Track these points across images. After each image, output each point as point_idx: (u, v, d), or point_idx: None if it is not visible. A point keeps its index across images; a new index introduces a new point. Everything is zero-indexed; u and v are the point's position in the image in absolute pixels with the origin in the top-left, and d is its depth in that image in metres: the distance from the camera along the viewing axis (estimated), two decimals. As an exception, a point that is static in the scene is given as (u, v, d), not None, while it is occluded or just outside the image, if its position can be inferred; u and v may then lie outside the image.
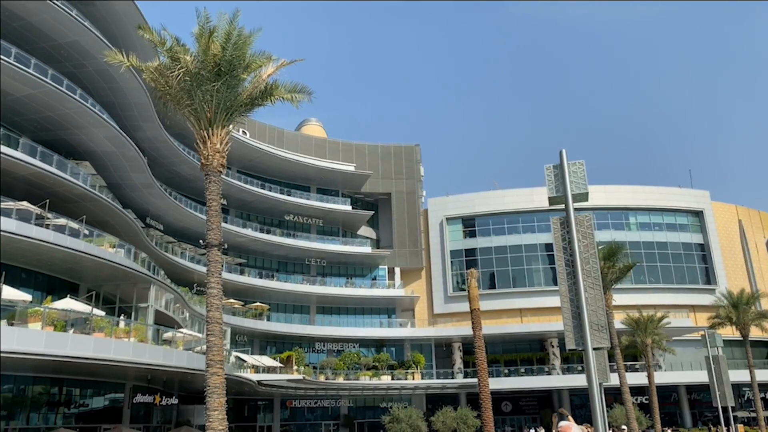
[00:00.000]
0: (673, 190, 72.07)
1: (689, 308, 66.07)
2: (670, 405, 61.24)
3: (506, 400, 62.54)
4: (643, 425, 40.59)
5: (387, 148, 70.44)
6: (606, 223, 68.25)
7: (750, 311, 53.34)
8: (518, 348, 65.28)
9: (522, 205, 67.96)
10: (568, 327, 9.80)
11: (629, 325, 46.62)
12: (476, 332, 31.25)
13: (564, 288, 10.01)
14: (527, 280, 66.83)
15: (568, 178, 10.28)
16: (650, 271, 67.37)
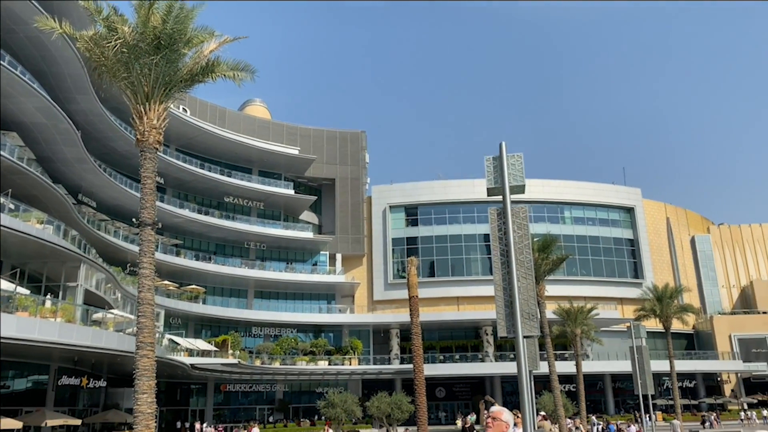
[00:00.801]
0: (607, 187, 74.73)
1: (617, 300, 68.97)
2: (595, 393, 63.88)
3: (441, 386, 63.75)
4: (570, 412, 42.10)
5: (332, 133, 70.00)
6: (542, 216, 70.20)
7: (673, 305, 56.06)
8: (454, 335, 66.57)
9: (463, 196, 69.01)
10: (500, 315, 10.03)
11: (560, 316, 48.18)
12: (414, 319, 31.62)
13: (498, 277, 10.22)
14: (465, 269, 68.06)
15: (507, 170, 10.46)
16: (582, 264, 69.82)
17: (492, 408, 5.22)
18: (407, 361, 57.43)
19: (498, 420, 5.05)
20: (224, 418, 56.96)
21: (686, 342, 73.52)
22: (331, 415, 40.27)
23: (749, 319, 72.90)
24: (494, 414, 5.12)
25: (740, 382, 68.80)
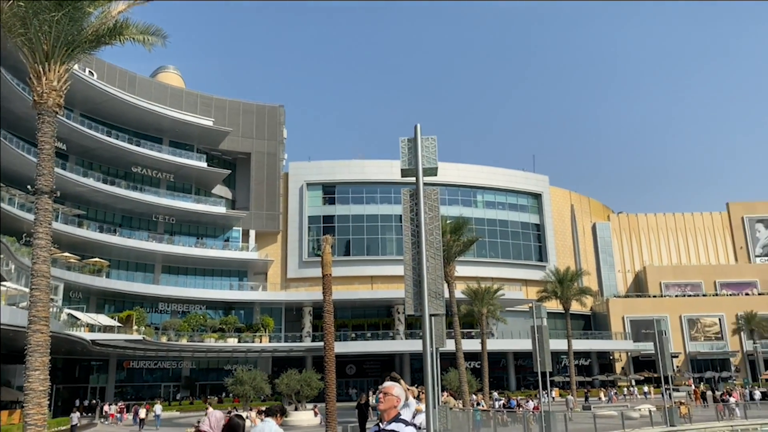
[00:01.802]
0: (517, 173, 77.50)
1: (522, 282, 72.05)
2: (499, 370, 66.73)
3: (351, 363, 64.46)
4: (474, 388, 43.85)
5: (249, 106, 68.27)
6: (456, 199, 71.92)
7: (573, 287, 59.42)
8: (367, 314, 67.34)
9: (381, 176, 69.45)
10: (408, 294, 10.23)
11: (468, 296, 49.84)
12: (326, 297, 31.67)
13: (408, 257, 10.39)
14: (381, 248, 68.79)
15: (420, 152, 10.61)
16: (491, 247, 72.30)
17: (384, 383, 5.32)
18: (319, 339, 57.55)
19: (389, 395, 5.17)
20: (127, 395, 55.07)
21: (584, 323, 78.05)
22: (239, 392, 39.88)
23: (641, 301, 78.31)
24: (385, 389, 5.23)
25: (630, 360, 73.97)
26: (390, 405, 5.15)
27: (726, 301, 77.91)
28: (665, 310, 74.98)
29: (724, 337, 75.53)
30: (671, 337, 68.04)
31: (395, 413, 5.15)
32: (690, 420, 34.13)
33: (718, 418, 36.35)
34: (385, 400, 5.16)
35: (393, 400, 5.16)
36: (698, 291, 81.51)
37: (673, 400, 37.64)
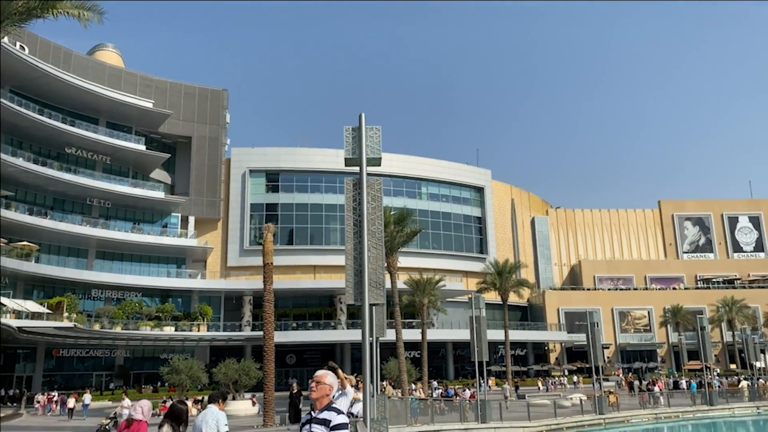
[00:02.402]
0: (461, 167, 78.56)
1: (463, 273, 73.25)
2: (438, 360, 67.75)
3: (292, 353, 64.11)
4: (413, 377, 44.34)
5: (191, 89, 66.44)
6: (401, 191, 72.31)
7: (511, 279, 60.87)
8: (309, 303, 67.01)
9: (327, 165, 68.98)
10: (349, 283, 10.20)
11: (410, 286, 50.27)
12: (267, 286, 31.31)
13: (350, 246, 10.36)
14: (324, 238, 68.47)
15: (365, 141, 10.56)
16: (434, 238, 73.14)
17: (317, 372, 5.29)
18: (259, 329, 56.94)
19: (321, 383, 5.16)
20: (55, 384, 53.00)
21: (521, 314, 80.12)
22: (175, 381, 38.97)
23: (575, 294, 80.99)
24: (318, 378, 5.20)
25: (564, 350, 76.49)
26: (322, 393, 5.13)
27: (655, 294, 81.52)
28: (598, 303, 77.77)
29: (652, 329, 79.05)
30: (603, 329, 70.43)
31: (328, 401, 5.14)
32: (618, 408, 35.58)
33: (644, 406, 38.07)
34: (317, 388, 5.14)
35: (326, 388, 5.15)
36: (630, 285, 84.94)
37: (603, 389, 39.15)
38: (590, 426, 32.46)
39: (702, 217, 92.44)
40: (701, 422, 36.90)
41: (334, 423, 4.94)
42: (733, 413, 39.38)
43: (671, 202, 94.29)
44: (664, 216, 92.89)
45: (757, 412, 40.63)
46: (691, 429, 35.71)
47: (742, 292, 78.28)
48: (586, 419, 32.84)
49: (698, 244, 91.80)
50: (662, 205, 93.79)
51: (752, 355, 53.16)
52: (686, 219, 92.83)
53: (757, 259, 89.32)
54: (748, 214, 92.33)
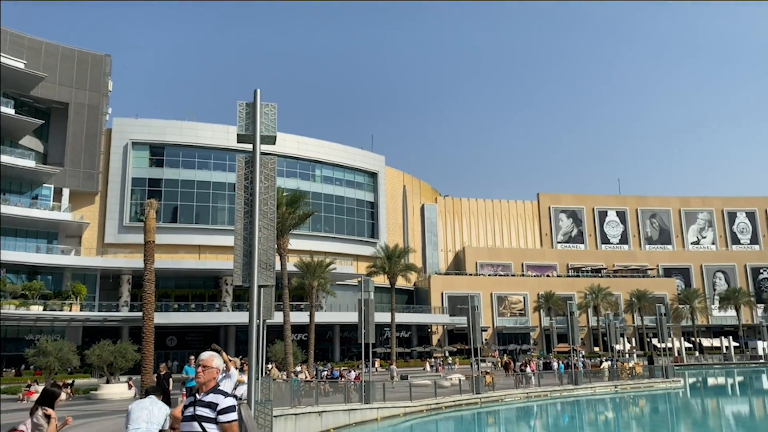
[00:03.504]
0: (356, 151, 78.92)
1: (354, 257, 73.87)
2: (325, 342, 68.07)
3: (172, 335, 61.81)
4: (299, 360, 44.30)
5: (70, 52, 61.49)
6: (294, 172, 71.46)
7: (400, 264, 62.21)
8: (193, 284, 64.81)
9: (217, 141, 66.68)
10: (238, 264, 9.96)
11: (300, 269, 50.00)
12: (148, 265, 29.92)
13: (240, 226, 10.11)
14: (211, 217, 66.31)
15: (259, 118, 10.29)
16: (326, 221, 73.10)
17: (201, 355, 5.12)
18: (138, 309, 54.31)
19: (209, 368, 5.01)
20: None
21: (407, 297, 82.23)
22: (42, 364, 36.29)
23: (459, 279, 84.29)
24: (205, 362, 5.04)
25: (446, 333, 79.51)
26: (210, 377, 4.99)
27: (530, 281, 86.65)
28: (479, 288, 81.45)
29: (527, 313, 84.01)
30: (482, 313, 74.09)
31: (214, 384, 5.01)
32: (494, 388, 37.61)
33: (517, 386, 40.51)
34: (205, 373, 4.99)
35: (213, 372, 5.02)
36: (508, 271, 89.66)
37: (480, 370, 41.17)
38: (467, 405, 34.08)
39: (575, 210, 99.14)
40: (567, 400, 39.85)
41: (222, 406, 4.81)
42: (595, 392, 42.89)
43: (549, 195, 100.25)
44: (542, 208, 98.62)
45: (615, 390, 44.53)
46: (558, 407, 38.46)
47: (607, 280, 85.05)
48: (464, 398, 34.43)
49: (571, 235, 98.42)
50: (541, 197, 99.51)
51: (613, 339, 58.01)
52: (561, 211, 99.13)
53: (622, 251, 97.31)
54: (616, 209, 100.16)
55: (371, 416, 28.57)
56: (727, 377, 63.69)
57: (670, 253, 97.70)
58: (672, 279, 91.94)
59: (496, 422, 33.02)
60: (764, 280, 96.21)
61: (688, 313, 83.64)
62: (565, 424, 33.53)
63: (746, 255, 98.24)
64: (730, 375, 65.10)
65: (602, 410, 38.96)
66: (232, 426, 4.78)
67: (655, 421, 34.51)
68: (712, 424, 33.82)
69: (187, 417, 4.89)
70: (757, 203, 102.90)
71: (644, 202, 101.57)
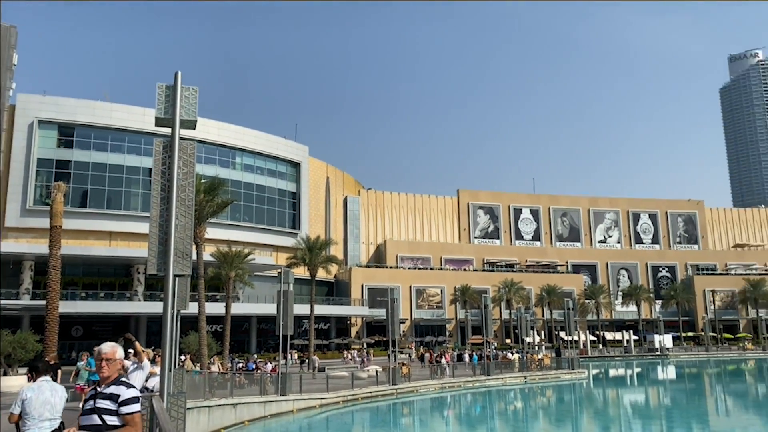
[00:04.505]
0: (279, 140, 77.78)
1: (274, 248, 72.92)
2: (241, 333, 66.88)
3: (78, 324, 58.81)
4: (213, 351, 43.30)
5: (-30, 20, 56.94)
6: (213, 159, 69.61)
7: (321, 255, 61.95)
8: (103, 272, 61.98)
9: (132, 124, 63.84)
10: (152, 252, 9.61)
11: (218, 258, 48.81)
12: (53, 251, 28.33)
13: (155, 212, 9.75)
14: (124, 202, 63.54)
15: (179, 101, 9.95)
16: (246, 211, 71.69)
17: (102, 348, 4.92)
18: (41, 297, 51.32)
19: (112, 361, 4.85)
20: None
21: (327, 289, 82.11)
22: (-70, 356, 33.63)
23: (379, 271, 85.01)
24: (107, 355, 4.85)
25: (364, 325, 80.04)
26: (114, 370, 4.83)
27: (448, 274, 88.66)
28: (399, 281, 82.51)
29: (443, 306, 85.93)
30: (401, 305, 75.15)
31: (117, 375, 4.84)
32: (410, 379, 38.27)
33: (432, 376, 41.40)
34: (109, 366, 4.82)
35: (117, 364, 4.86)
36: (427, 265, 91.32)
37: (397, 361, 41.75)
38: (384, 396, 34.51)
39: (492, 207, 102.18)
40: (479, 391, 41.15)
41: (124, 398, 4.66)
42: (505, 382, 44.51)
43: (468, 192, 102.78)
44: (461, 204, 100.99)
45: (524, 381, 46.39)
46: (469, 397, 39.64)
47: (520, 275, 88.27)
48: (381, 389, 34.85)
49: (488, 230, 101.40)
50: (460, 193, 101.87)
51: (524, 331, 60.38)
52: (479, 207, 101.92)
53: (534, 247, 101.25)
54: (530, 206, 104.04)
55: (287, 408, 28.39)
56: (626, 369, 67.75)
57: (578, 251, 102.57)
58: (580, 275, 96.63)
59: (411, 412, 33.63)
60: (663, 278, 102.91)
61: (593, 307, 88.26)
62: (476, 413, 34.62)
63: (648, 254, 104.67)
64: (630, 367, 69.29)
65: (512, 400, 40.49)
66: (134, 417, 4.64)
67: (561, 410, 36.25)
68: (611, 412, 35.92)
69: (87, 410, 4.71)
70: (659, 205, 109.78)
71: (556, 201, 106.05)
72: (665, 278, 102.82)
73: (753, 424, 29.76)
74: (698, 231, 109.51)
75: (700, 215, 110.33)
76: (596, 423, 31.32)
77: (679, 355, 79.06)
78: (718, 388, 50.66)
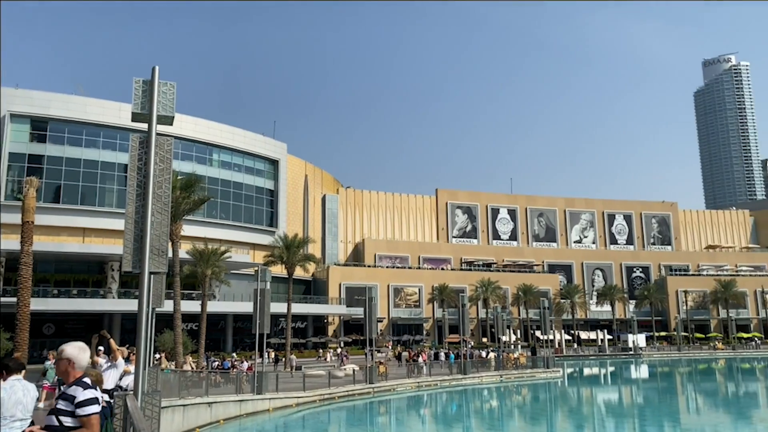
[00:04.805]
0: (257, 137, 77.24)
1: (251, 246, 72.41)
2: (217, 332, 66.30)
3: (50, 322, 57.78)
4: (189, 349, 42.92)
5: (-61, 9, 55.59)
6: (190, 155, 68.86)
7: (299, 254, 61.64)
8: (76, 269, 60.93)
9: (108, 119, 62.89)
10: (128, 249, 9.48)
11: (194, 256, 48.32)
12: (25, 247, 27.79)
13: (131, 209, 9.62)
14: (98, 199, 62.60)
15: (157, 97, 9.83)
16: (223, 208, 71.09)
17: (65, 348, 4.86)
18: (12, 294, 50.30)
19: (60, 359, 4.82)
20: None
21: (304, 287, 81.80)
22: None
23: (357, 270, 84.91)
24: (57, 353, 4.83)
25: (342, 323, 79.91)
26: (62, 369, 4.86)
27: (426, 273, 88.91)
28: (377, 279, 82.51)
29: (421, 305, 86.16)
30: (379, 304, 75.20)
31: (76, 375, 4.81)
32: (386, 378, 38.32)
33: (409, 375, 41.50)
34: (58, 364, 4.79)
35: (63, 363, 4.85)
36: (405, 264, 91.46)
37: (374, 360, 41.78)
38: (360, 394, 34.52)
39: (470, 207, 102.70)
40: (455, 389, 41.37)
41: (80, 399, 4.61)
42: (481, 381, 44.82)
43: (446, 191, 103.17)
44: (439, 203, 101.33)
45: (500, 379, 46.75)
46: (446, 396, 39.81)
47: (496, 274, 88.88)
48: (357, 388, 34.84)
49: (465, 230, 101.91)
50: (439, 193, 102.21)
51: (501, 330, 60.80)
52: (458, 207, 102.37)
53: (511, 247, 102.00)
54: (507, 206, 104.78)
55: (263, 407, 28.25)
56: (600, 368, 68.65)
57: (554, 251, 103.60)
58: (555, 275, 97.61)
59: (387, 411, 33.68)
60: (637, 278, 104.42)
61: (568, 307, 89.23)
62: (453, 412, 34.79)
63: (622, 254, 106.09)
64: (603, 366, 70.23)
65: (488, 399, 40.77)
66: (90, 420, 4.58)
67: (536, 409, 36.61)
68: (585, 411, 36.37)
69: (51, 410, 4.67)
70: (633, 207, 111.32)
71: (533, 201, 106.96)
72: (639, 278, 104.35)
73: (722, 422, 30.37)
74: (671, 232, 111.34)
75: (673, 217, 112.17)
76: (570, 421, 31.69)
77: (652, 354, 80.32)
78: (689, 386, 51.61)
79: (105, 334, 8.03)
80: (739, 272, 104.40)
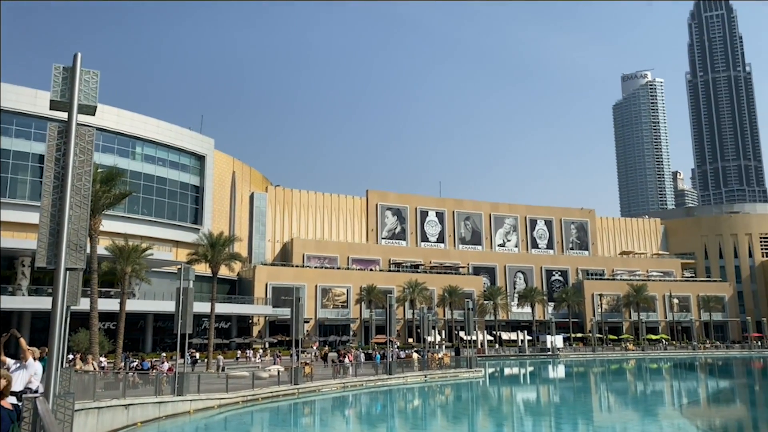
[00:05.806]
0: (183, 131, 75.03)
1: (174, 243, 70.23)
2: (136, 332, 63.90)
3: (-49, 321, 53.96)
4: (106, 349, 41.16)
5: None
6: (112, 147, 66.12)
7: (224, 252, 60.28)
8: (-20, 264, 57.15)
9: (21, 106, 59.42)
10: (42, 244, 9.02)
11: (113, 252, 46.42)
12: (-76, 240, 25.81)
13: (47, 201, 9.17)
14: (10, 190, 59.06)
15: (78, 85, 9.41)
16: (145, 203, 68.62)
17: None
18: None
19: None
20: None
21: (229, 287, 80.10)
22: None
23: (284, 270, 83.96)
24: None
25: (267, 324, 78.77)
26: None
27: (354, 274, 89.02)
28: (305, 280, 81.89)
29: (348, 305, 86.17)
30: (306, 304, 74.60)
31: None
32: (312, 378, 38.10)
33: (334, 376, 41.43)
34: None
35: None
36: (334, 264, 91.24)
37: (300, 361, 41.46)
38: (285, 396, 34.18)
39: (400, 209, 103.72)
40: (381, 389, 41.64)
41: None
42: (407, 381, 45.33)
43: (377, 193, 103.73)
44: (369, 204, 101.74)
45: (425, 379, 47.44)
46: (371, 396, 40.01)
47: (424, 276, 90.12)
48: (282, 389, 34.49)
49: (395, 231, 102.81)
50: (369, 194, 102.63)
51: (426, 331, 61.67)
52: (387, 209, 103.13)
53: (439, 249, 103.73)
54: (435, 209, 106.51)
55: (183, 409, 27.48)
56: (520, 368, 70.91)
57: (479, 253, 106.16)
58: (480, 277, 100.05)
59: (312, 412, 33.49)
60: (556, 282, 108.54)
61: (491, 308, 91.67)
62: (376, 412, 35.01)
63: (542, 258, 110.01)
64: (523, 366, 72.58)
65: (411, 398, 41.29)
66: None
67: (458, 408, 37.39)
68: (505, 409, 37.47)
69: None
70: (554, 213, 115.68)
71: (460, 205, 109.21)
72: (558, 282, 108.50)
73: (631, 419, 32.03)
74: (589, 238, 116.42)
75: (591, 223, 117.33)
76: (490, 420, 32.57)
77: (569, 354, 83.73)
78: (602, 386, 54.12)
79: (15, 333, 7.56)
80: (649, 277, 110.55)
